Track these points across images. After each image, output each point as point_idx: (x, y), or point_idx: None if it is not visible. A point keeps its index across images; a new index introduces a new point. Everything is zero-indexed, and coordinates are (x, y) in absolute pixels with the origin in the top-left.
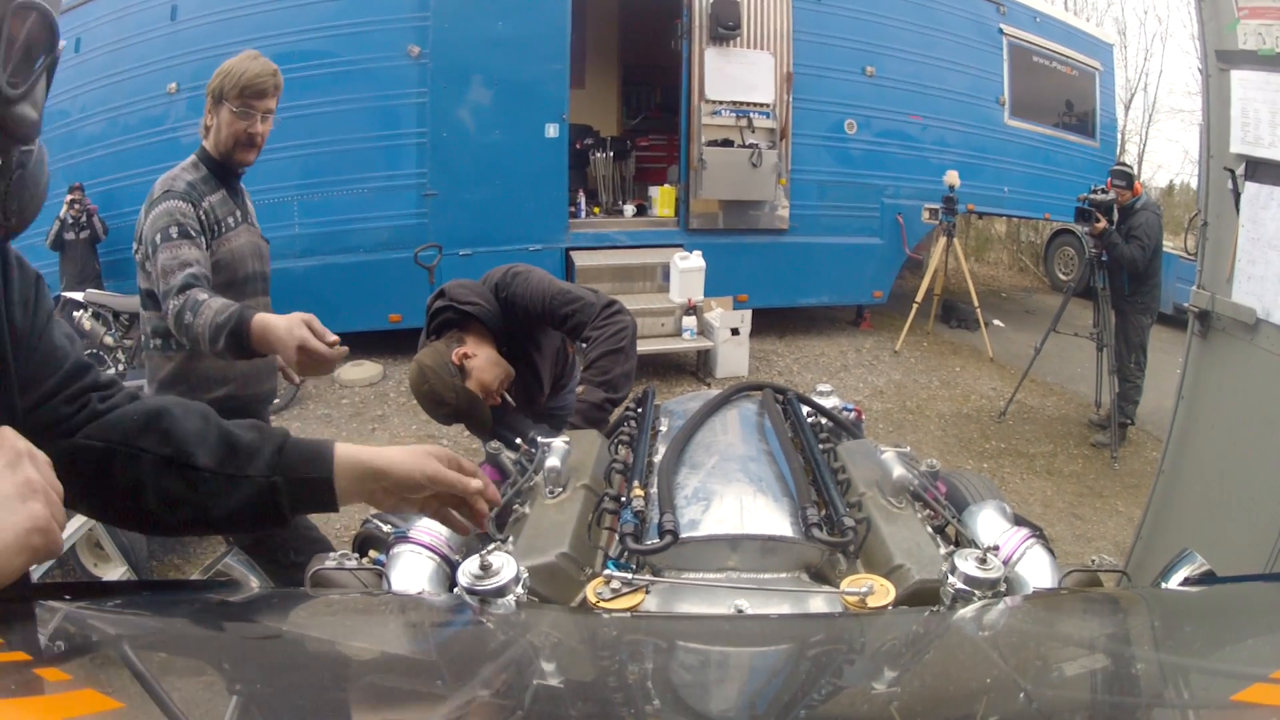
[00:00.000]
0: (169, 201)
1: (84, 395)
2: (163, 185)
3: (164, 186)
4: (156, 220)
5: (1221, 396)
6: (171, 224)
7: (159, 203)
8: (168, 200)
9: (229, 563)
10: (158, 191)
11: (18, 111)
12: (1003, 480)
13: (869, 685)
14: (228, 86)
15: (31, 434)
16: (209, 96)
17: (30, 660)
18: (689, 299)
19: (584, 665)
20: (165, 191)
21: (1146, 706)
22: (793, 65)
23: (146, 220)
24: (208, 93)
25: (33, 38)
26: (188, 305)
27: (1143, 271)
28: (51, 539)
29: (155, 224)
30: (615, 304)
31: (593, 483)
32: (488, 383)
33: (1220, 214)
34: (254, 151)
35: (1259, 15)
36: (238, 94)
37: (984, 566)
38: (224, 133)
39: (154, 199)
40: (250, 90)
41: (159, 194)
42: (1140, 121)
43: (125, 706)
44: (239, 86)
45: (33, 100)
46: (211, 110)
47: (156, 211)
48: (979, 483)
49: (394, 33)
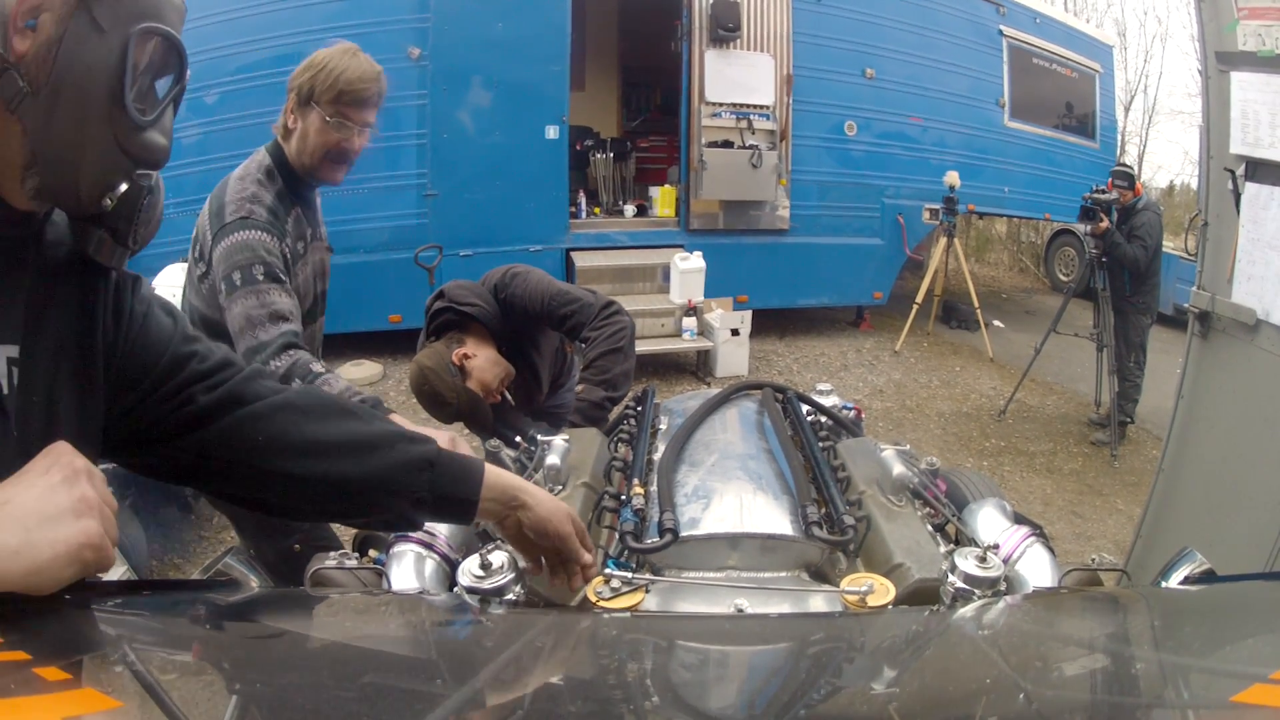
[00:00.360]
0: (250, 232)
1: (182, 393)
2: (237, 204)
3: (239, 207)
4: (234, 253)
5: (1221, 397)
6: (255, 262)
7: (235, 230)
8: (248, 230)
9: (229, 563)
10: (232, 212)
11: (147, 138)
12: (1002, 478)
13: (869, 685)
14: (321, 87)
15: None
16: (293, 92)
17: (30, 659)
18: (689, 299)
19: (584, 665)
20: (243, 218)
21: (1146, 706)
22: (792, 67)
23: (218, 245)
24: (292, 88)
25: (159, 64)
26: (297, 372)
27: (1144, 271)
28: (103, 555)
29: (232, 258)
30: (614, 304)
31: (592, 480)
32: (488, 382)
33: (1220, 214)
34: (344, 170)
35: (1258, 16)
36: (333, 98)
37: (984, 565)
38: (311, 142)
39: (228, 222)
40: (349, 97)
41: (233, 217)
42: (1140, 123)
43: (125, 706)
44: (335, 90)
45: (161, 127)
46: (295, 111)
47: (234, 242)
48: (979, 481)
49: (394, 34)
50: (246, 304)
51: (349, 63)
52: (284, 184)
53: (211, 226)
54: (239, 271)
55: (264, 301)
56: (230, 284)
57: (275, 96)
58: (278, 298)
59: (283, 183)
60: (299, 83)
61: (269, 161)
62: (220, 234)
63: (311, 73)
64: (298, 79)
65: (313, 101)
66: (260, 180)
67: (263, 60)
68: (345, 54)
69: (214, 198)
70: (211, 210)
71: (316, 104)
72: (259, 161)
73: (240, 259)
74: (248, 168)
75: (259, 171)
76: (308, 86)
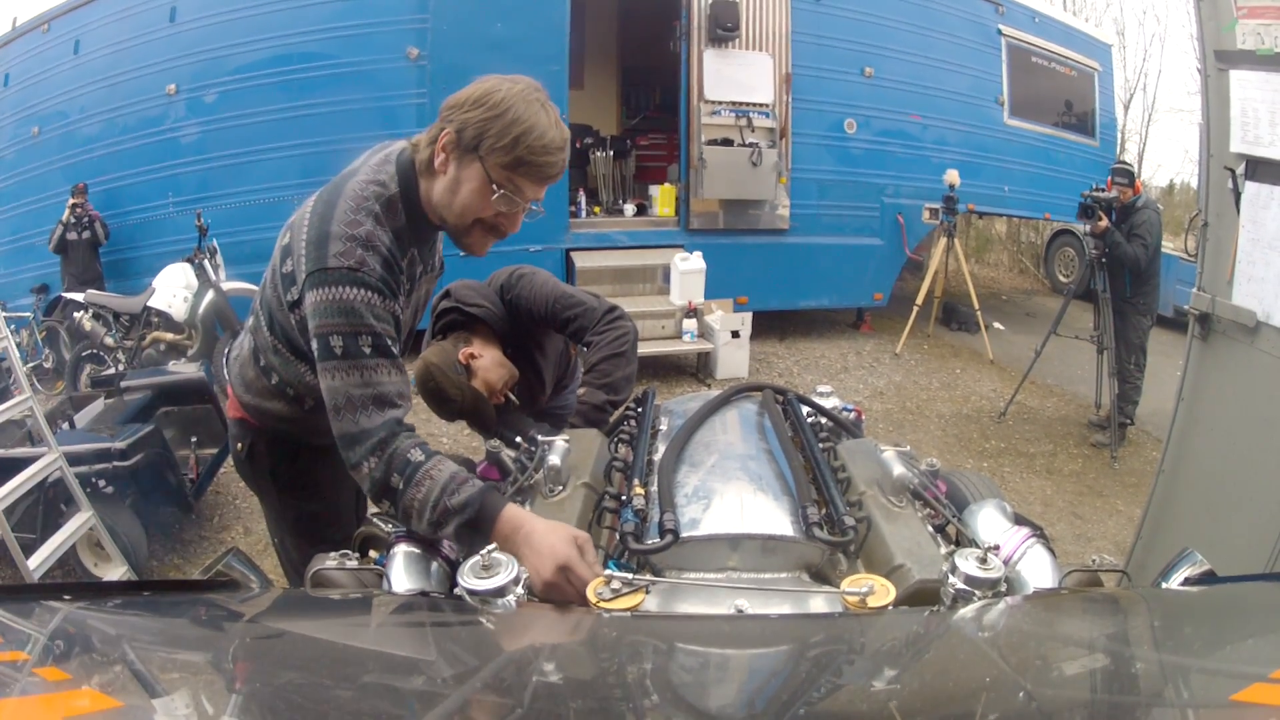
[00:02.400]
0: (358, 291)
1: None
2: (346, 244)
3: (347, 251)
4: (336, 313)
5: (1222, 398)
6: (362, 331)
7: (340, 284)
8: (355, 289)
9: (229, 563)
10: (338, 255)
11: None
12: (1003, 480)
13: (869, 685)
14: (496, 140)
15: None
16: (451, 125)
17: (30, 660)
18: (689, 301)
19: (584, 665)
20: (351, 270)
21: (1146, 706)
22: (791, 66)
23: (314, 291)
24: (452, 119)
25: None
26: (395, 468)
27: (1144, 270)
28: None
29: (333, 318)
30: (617, 309)
31: (593, 481)
32: (493, 383)
33: (1220, 214)
34: (491, 243)
35: (1258, 15)
36: (509, 163)
37: (984, 566)
38: (461, 200)
39: (330, 267)
40: (533, 167)
41: (338, 263)
42: (1140, 121)
43: (124, 706)
44: (514, 154)
45: None
46: (451, 151)
47: (337, 299)
48: (979, 482)
49: (393, 34)
50: (348, 381)
51: (536, 119)
52: (406, 222)
53: (308, 257)
54: (340, 339)
55: (368, 380)
56: (328, 351)
57: (275, 96)
58: (385, 376)
59: (406, 220)
60: (465, 118)
61: (395, 190)
62: (320, 279)
63: (485, 114)
64: (464, 113)
65: (478, 153)
66: (378, 215)
67: (262, 60)
68: (531, 103)
69: (318, 215)
70: (312, 234)
71: (483, 159)
72: (380, 187)
73: (343, 323)
74: (365, 190)
75: (378, 204)
76: (475, 130)
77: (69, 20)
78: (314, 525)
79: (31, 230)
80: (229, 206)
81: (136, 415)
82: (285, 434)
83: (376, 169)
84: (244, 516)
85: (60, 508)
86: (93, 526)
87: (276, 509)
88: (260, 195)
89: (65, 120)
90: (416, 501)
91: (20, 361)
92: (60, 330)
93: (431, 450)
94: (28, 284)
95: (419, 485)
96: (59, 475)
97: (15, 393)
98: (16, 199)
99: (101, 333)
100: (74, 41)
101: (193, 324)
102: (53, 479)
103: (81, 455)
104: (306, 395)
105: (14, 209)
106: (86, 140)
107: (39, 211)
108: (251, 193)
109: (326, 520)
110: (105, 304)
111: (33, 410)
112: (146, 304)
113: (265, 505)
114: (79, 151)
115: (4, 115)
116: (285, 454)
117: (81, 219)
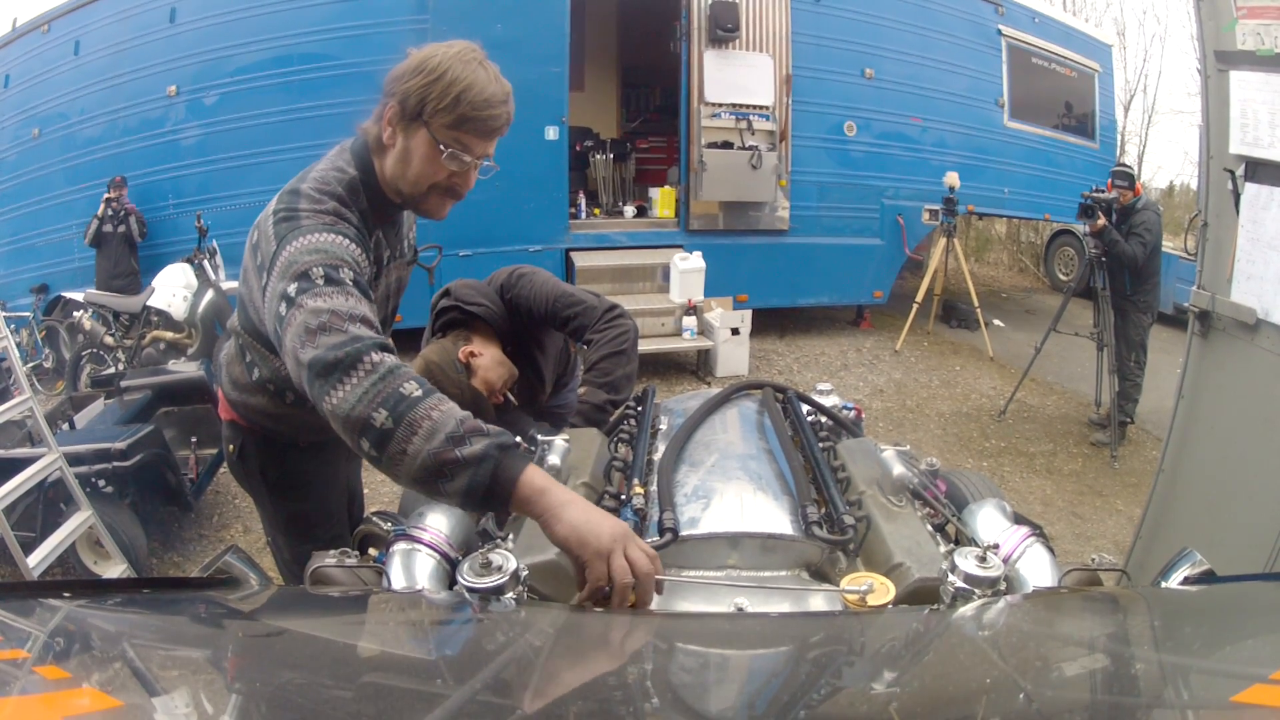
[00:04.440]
0: (331, 235)
1: None
2: (314, 218)
3: (316, 215)
4: (309, 249)
5: (1221, 396)
6: (342, 263)
7: (313, 231)
8: (329, 233)
9: (229, 561)
10: (308, 216)
11: None
12: (1002, 479)
13: (869, 684)
14: (436, 102)
15: None
16: (394, 98)
17: (30, 658)
18: (689, 299)
19: (584, 664)
20: (325, 224)
21: (1146, 706)
22: (791, 67)
23: (285, 250)
24: (393, 91)
25: None
26: (381, 400)
27: (1143, 269)
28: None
29: (306, 252)
30: (617, 308)
31: (592, 480)
32: (492, 382)
33: (1220, 214)
34: (450, 204)
35: (1257, 15)
36: (452, 122)
37: (984, 565)
38: (414, 170)
39: (302, 225)
40: (474, 124)
41: (311, 221)
42: (1140, 122)
43: (124, 705)
44: (456, 112)
45: None
46: (397, 124)
47: (311, 242)
48: (979, 481)
49: (393, 35)
50: (333, 302)
51: (474, 76)
52: (369, 204)
53: (278, 235)
54: (322, 269)
55: (352, 306)
56: (308, 282)
57: (276, 98)
58: (369, 311)
59: (367, 203)
60: (405, 88)
61: (354, 173)
62: (293, 236)
63: (424, 79)
64: (404, 83)
65: (422, 118)
66: (341, 197)
67: (262, 61)
68: (469, 62)
69: (283, 204)
70: (279, 216)
71: (427, 123)
72: (340, 172)
73: (322, 259)
74: (325, 175)
75: (340, 186)
76: (417, 97)
77: (69, 21)
78: (304, 525)
79: (32, 231)
80: (230, 208)
81: (136, 415)
82: (274, 433)
83: (334, 158)
84: (243, 515)
85: (60, 507)
86: (92, 525)
87: (268, 509)
88: (261, 196)
89: (66, 121)
90: (410, 448)
91: (20, 361)
92: (60, 330)
93: (430, 386)
94: (28, 284)
95: (414, 427)
96: (59, 475)
97: (15, 393)
98: (17, 200)
99: (101, 332)
100: (74, 42)
101: (192, 323)
102: (52, 479)
103: (81, 455)
104: (287, 389)
105: (14, 210)
106: (87, 142)
107: (39, 212)
108: (253, 194)
109: (316, 520)
110: (105, 303)
111: (33, 411)
112: (146, 303)
113: (257, 505)
114: (79, 153)
115: (4, 116)
116: (275, 454)
117: (118, 212)
